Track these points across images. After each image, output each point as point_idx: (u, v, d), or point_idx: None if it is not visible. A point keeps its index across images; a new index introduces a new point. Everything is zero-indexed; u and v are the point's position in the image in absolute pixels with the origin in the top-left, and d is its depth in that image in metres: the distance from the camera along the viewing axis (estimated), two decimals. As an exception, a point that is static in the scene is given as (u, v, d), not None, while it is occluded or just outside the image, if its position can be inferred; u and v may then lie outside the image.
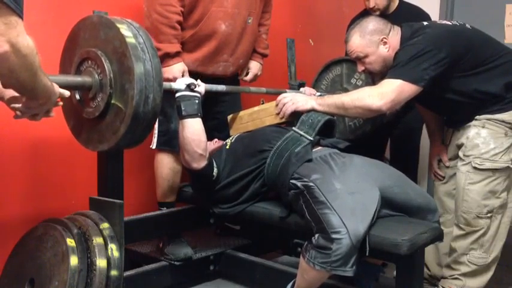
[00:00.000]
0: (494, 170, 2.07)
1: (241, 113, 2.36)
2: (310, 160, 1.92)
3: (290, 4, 3.38)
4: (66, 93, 1.38)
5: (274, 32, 2.70)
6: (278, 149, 1.99)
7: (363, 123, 2.46)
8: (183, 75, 2.21)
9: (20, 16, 0.98)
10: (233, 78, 2.49)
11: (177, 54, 2.20)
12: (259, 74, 2.57)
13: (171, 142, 2.24)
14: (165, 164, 2.30)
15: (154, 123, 1.62)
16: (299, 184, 1.83)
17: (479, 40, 2.10)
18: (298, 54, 2.75)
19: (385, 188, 1.84)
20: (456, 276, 2.16)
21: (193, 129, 1.93)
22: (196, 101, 1.93)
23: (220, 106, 2.44)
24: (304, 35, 3.42)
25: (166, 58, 2.18)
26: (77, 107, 1.67)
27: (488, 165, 2.06)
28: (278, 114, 2.19)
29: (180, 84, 1.93)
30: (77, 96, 1.64)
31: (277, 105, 2.20)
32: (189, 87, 1.92)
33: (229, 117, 2.38)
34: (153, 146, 2.29)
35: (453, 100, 2.10)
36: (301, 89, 2.44)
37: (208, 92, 2.33)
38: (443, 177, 2.34)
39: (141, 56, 1.51)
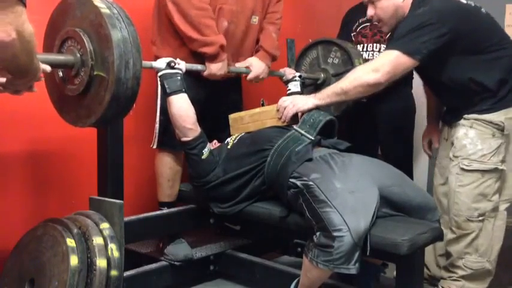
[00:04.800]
0: (483, 172, 2.03)
1: (243, 113, 2.36)
2: (310, 159, 1.92)
3: (290, 4, 3.37)
4: (48, 68, 1.45)
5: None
6: (279, 147, 1.99)
7: None
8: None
9: (25, 5, 1.05)
10: (235, 78, 2.47)
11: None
12: (261, 76, 2.38)
13: (172, 142, 2.24)
14: (166, 163, 2.30)
15: (138, 91, 1.65)
16: (298, 183, 1.83)
17: (488, 25, 2.06)
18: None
19: (384, 188, 1.84)
20: (455, 278, 2.15)
21: (179, 105, 2.02)
22: (179, 78, 2.02)
23: (222, 107, 2.43)
24: (304, 35, 3.42)
25: (220, 52, 2.16)
26: (60, 86, 1.70)
27: (475, 166, 2.03)
28: (280, 118, 2.19)
29: (161, 63, 2.01)
30: (60, 74, 1.68)
31: (278, 110, 2.19)
32: (169, 65, 2.00)
33: (231, 117, 2.38)
34: (154, 145, 2.28)
35: (446, 86, 2.08)
36: (281, 70, 2.51)
37: (209, 92, 2.33)
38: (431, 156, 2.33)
39: (116, 24, 1.56)
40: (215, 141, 2.29)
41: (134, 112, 2.52)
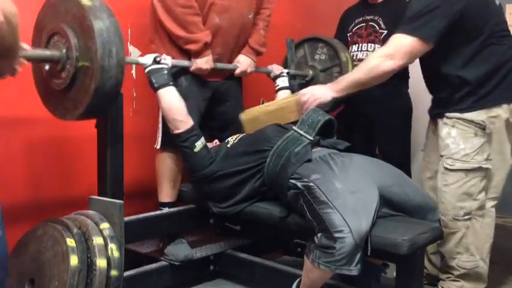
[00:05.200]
0: (466, 171, 2.03)
1: (255, 111, 2.34)
2: (309, 160, 1.91)
3: (290, 3, 3.38)
4: (25, 45, 1.49)
5: (273, 31, 2.68)
6: (278, 148, 1.99)
7: None
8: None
9: None
10: (236, 77, 2.46)
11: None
12: (249, 71, 2.41)
13: (173, 142, 2.24)
14: (167, 163, 2.30)
15: (123, 79, 1.68)
16: (299, 184, 1.83)
17: (495, 17, 2.04)
18: (298, 54, 2.75)
19: (384, 187, 1.83)
20: (453, 278, 2.15)
21: (168, 99, 2.07)
22: (165, 72, 2.07)
23: (222, 107, 2.43)
24: (303, 34, 3.42)
25: (205, 49, 2.18)
26: (47, 80, 1.74)
27: (458, 165, 2.03)
28: (301, 112, 2.18)
29: (147, 59, 2.06)
30: (47, 68, 1.71)
31: (298, 103, 2.20)
32: (155, 60, 2.05)
33: (244, 117, 2.35)
34: (157, 145, 2.29)
35: (433, 74, 2.08)
36: (269, 67, 2.55)
37: (212, 93, 2.33)
38: None
39: (98, 14, 1.61)
40: (216, 140, 2.29)
41: (134, 112, 2.54)
